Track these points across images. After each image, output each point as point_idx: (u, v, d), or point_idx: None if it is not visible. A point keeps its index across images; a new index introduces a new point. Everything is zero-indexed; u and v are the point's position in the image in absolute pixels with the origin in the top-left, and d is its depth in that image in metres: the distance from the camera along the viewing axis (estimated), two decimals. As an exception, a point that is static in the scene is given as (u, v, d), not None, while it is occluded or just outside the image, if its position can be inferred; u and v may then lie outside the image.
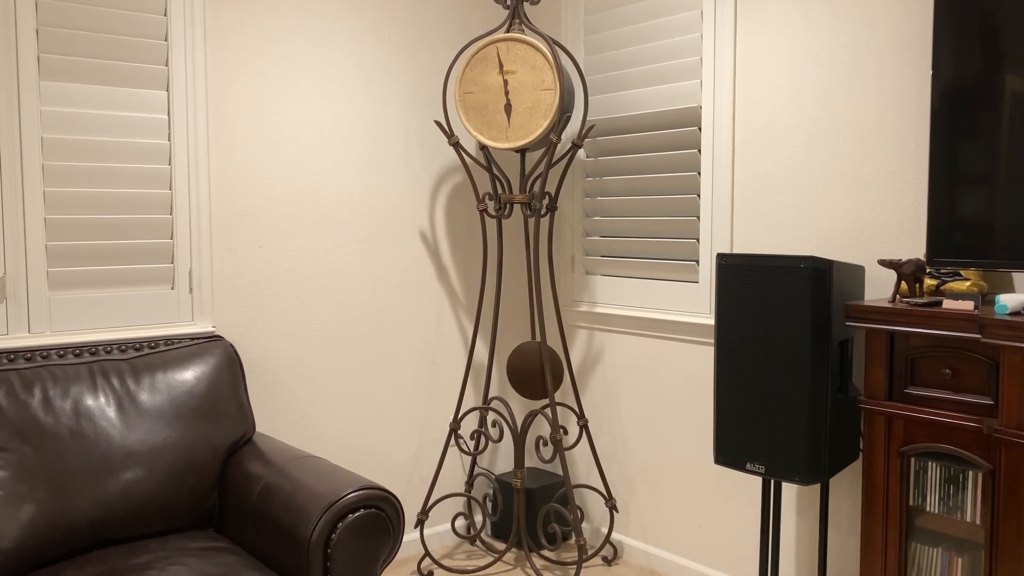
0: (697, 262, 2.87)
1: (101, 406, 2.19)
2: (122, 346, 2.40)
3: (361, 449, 3.08)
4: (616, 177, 3.12)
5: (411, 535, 3.20)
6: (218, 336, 2.56)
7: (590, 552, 3.20)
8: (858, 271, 2.32)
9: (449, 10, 3.24)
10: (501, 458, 3.49)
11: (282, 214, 2.84)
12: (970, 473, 1.93)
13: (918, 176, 2.31)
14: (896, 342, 2.06)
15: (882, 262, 2.10)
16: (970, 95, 1.98)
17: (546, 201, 3.01)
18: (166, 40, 2.55)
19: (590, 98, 3.17)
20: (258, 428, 2.82)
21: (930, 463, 2.00)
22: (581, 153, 3.24)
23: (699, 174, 2.84)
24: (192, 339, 2.51)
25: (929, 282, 2.16)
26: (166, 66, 2.56)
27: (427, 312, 3.24)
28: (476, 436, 3.16)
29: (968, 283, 2.09)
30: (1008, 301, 1.83)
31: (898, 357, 2.06)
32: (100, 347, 2.37)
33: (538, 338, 3.14)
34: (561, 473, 3.33)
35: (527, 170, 3.15)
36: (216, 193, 2.69)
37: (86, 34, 2.42)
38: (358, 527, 1.99)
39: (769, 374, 2.22)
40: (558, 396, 3.39)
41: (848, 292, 2.26)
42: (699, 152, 2.83)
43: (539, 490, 3.20)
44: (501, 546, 3.29)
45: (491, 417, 3.30)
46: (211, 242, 2.68)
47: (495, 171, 3.03)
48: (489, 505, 3.36)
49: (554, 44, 2.88)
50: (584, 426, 3.07)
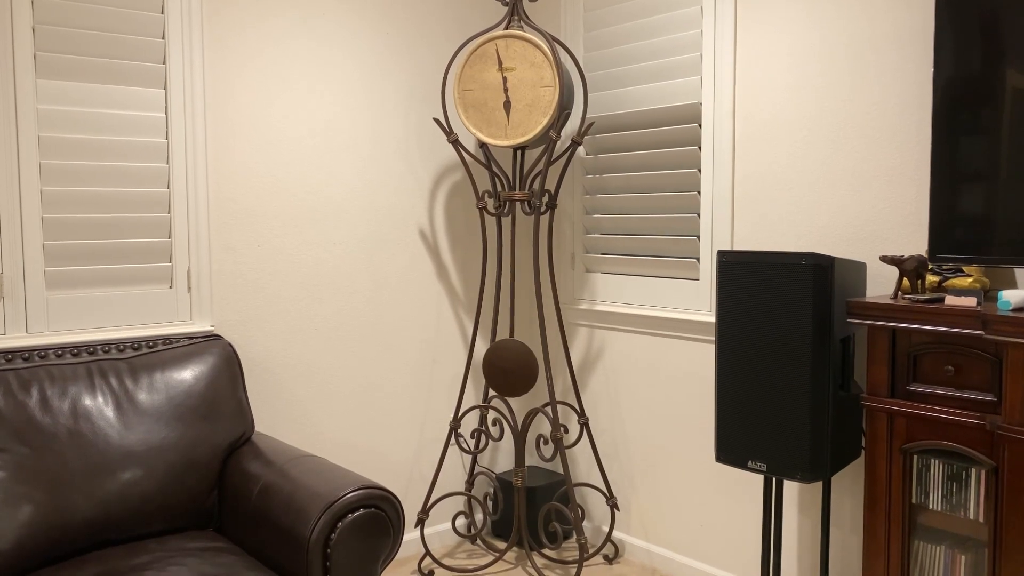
0: (698, 259, 2.86)
1: (99, 406, 2.18)
2: (120, 345, 2.39)
3: (361, 448, 3.08)
4: (616, 174, 3.11)
5: (412, 534, 3.19)
6: (217, 335, 2.55)
7: (591, 551, 3.20)
8: (860, 268, 2.31)
9: (448, 7, 3.23)
10: (502, 457, 3.48)
11: (281, 212, 2.83)
12: (973, 470, 1.92)
13: (920, 172, 2.30)
14: (898, 339, 2.05)
15: (884, 258, 2.09)
16: (971, 91, 1.97)
17: (546, 199, 3.00)
18: (163, 38, 2.54)
19: (590, 95, 3.16)
20: (257, 427, 2.81)
21: (933, 460, 1.99)
22: (581, 150, 3.23)
23: (699, 171, 2.82)
24: (190, 338, 2.50)
25: (931, 278, 2.15)
26: (164, 64, 2.55)
27: (427, 310, 3.23)
28: (476, 435, 3.15)
29: (970, 279, 2.08)
30: (1011, 297, 1.81)
31: (900, 354, 2.05)
32: (98, 347, 2.36)
33: (537, 336, 3.13)
34: (562, 472, 3.32)
35: (526, 168, 3.13)
36: (214, 191, 2.68)
37: (83, 32, 2.41)
38: (358, 527, 1.98)
39: (770, 371, 2.21)
40: (558, 394, 3.38)
41: (850, 289, 2.25)
42: (699, 149, 2.82)
43: (540, 489, 3.19)
44: (502, 545, 3.28)
45: (491, 416, 3.29)
46: (209, 241, 2.67)
47: (494, 169, 3.02)
48: (490, 504, 3.35)
49: (553, 41, 2.87)
50: (585, 424, 3.06)
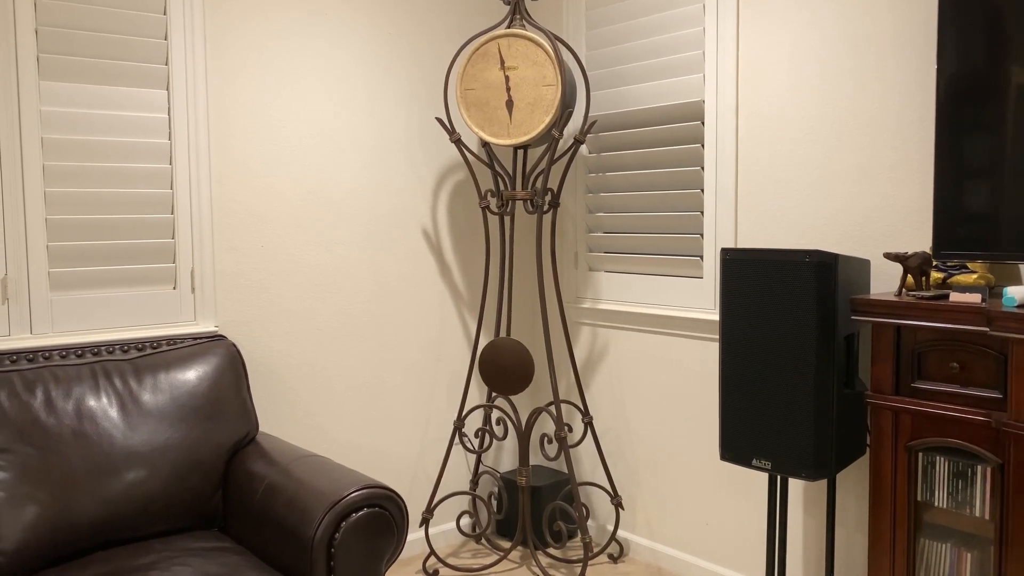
0: (701, 257, 2.85)
1: (103, 406, 2.18)
2: (124, 346, 2.40)
3: (365, 448, 3.08)
4: (619, 173, 3.10)
5: (416, 534, 3.19)
6: (220, 336, 2.55)
7: (596, 550, 3.19)
8: (864, 265, 2.31)
9: (450, 6, 3.23)
10: (506, 456, 3.48)
11: (283, 212, 2.83)
12: (979, 467, 1.92)
13: (923, 168, 2.29)
14: (903, 336, 2.04)
15: (888, 255, 2.08)
16: (975, 86, 1.96)
17: (548, 197, 3.00)
18: (166, 39, 2.54)
19: (592, 93, 3.16)
20: (261, 427, 2.81)
21: (938, 458, 1.99)
22: (583, 149, 3.23)
23: (702, 169, 2.82)
24: (194, 339, 2.51)
25: (935, 275, 2.14)
26: (166, 65, 2.55)
27: (430, 310, 3.23)
28: (480, 434, 3.15)
29: (975, 276, 2.07)
30: (1015, 293, 1.81)
31: (905, 351, 2.04)
32: (102, 347, 2.36)
33: (540, 335, 3.12)
34: (566, 471, 3.31)
35: (529, 166, 3.13)
36: (217, 192, 2.68)
37: (85, 34, 2.41)
38: (362, 526, 1.98)
39: (774, 369, 2.21)
40: (562, 393, 3.38)
41: (854, 286, 2.24)
42: (702, 147, 2.81)
43: (544, 488, 3.18)
44: (506, 544, 3.28)
45: (495, 415, 3.29)
46: (212, 241, 2.67)
47: (497, 168, 3.02)
48: (494, 503, 3.35)
49: (555, 40, 2.86)
50: (589, 423, 3.06)
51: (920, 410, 2.00)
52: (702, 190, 2.83)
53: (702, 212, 2.83)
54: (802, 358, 2.15)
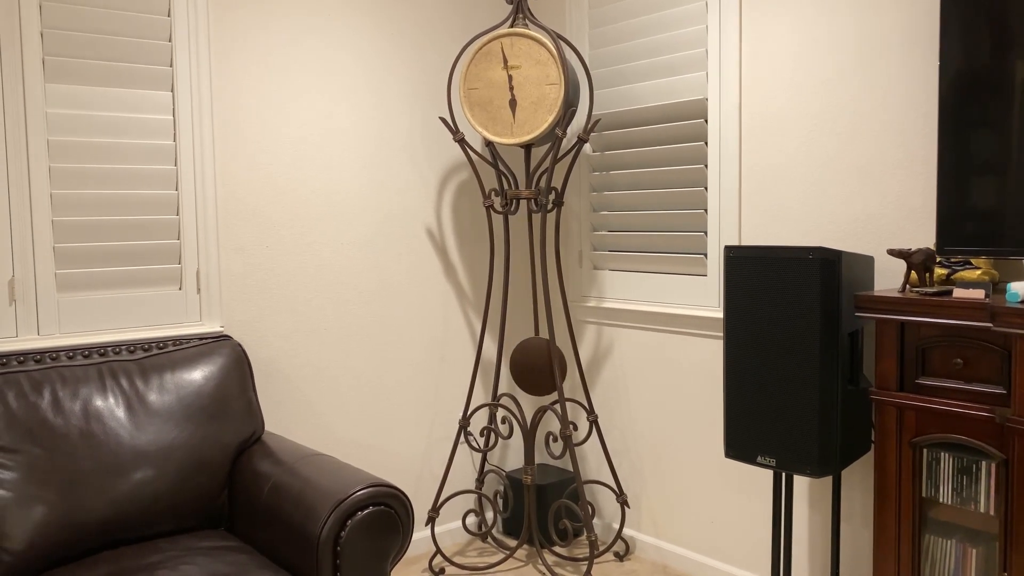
0: (705, 255, 2.85)
1: (110, 407, 2.19)
2: (131, 347, 2.41)
3: (371, 447, 3.09)
4: (623, 171, 3.10)
5: (422, 532, 3.20)
6: (226, 336, 2.56)
7: (602, 548, 3.20)
8: (867, 261, 2.30)
9: (453, 6, 3.24)
10: (511, 454, 3.49)
11: (288, 213, 2.84)
12: (983, 463, 1.92)
13: (927, 165, 2.29)
14: (907, 332, 2.04)
15: (891, 252, 2.08)
16: (979, 82, 1.96)
17: (552, 196, 3.00)
18: (170, 41, 2.56)
19: (595, 92, 3.16)
20: (267, 427, 2.83)
21: (943, 454, 1.99)
22: (587, 148, 3.23)
23: (706, 167, 2.82)
24: (200, 339, 2.52)
25: (939, 271, 2.14)
26: (170, 67, 2.56)
27: (435, 309, 3.24)
28: (486, 433, 3.15)
29: (979, 272, 2.07)
30: (1019, 289, 1.80)
31: (909, 347, 2.04)
32: (109, 348, 2.37)
33: (544, 334, 3.13)
34: (572, 469, 3.32)
35: (533, 165, 3.14)
36: (222, 192, 2.69)
37: (90, 36, 2.42)
38: (367, 524, 1.99)
39: (779, 367, 2.21)
40: (567, 392, 3.38)
41: (857, 283, 2.24)
42: (706, 145, 2.81)
43: (550, 486, 3.19)
44: (512, 543, 3.29)
45: (500, 413, 3.30)
46: (218, 242, 2.68)
47: (501, 167, 3.02)
48: (500, 502, 3.35)
49: (558, 38, 2.87)
50: (594, 422, 3.06)
51: (924, 406, 1.99)
52: (706, 188, 2.83)
53: (706, 210, 2.83)
54: (806, 355, 2.15)
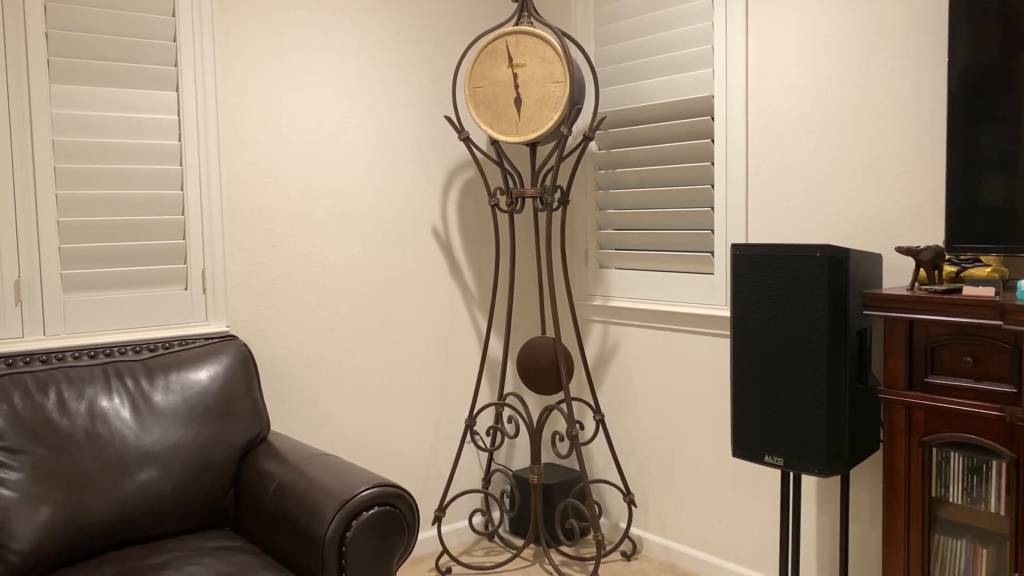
0: (712, 253, 2.84)
1: (116, 407, 2.19)
2: (136, 347, 2.41)
3: (377, 446, 3.08)
4: (629, 169, 3.09)
5: (429, 532, 3.20)
6: (232, 336, 2.56)
7: (609, 547, 3.19)
8: (875, 259, 2.29)
9: (458, 4, 3.23)
10: (518, 454, 3.48)
11: (293, 212, 2.84)
12: (993, 463, 1.90)
13: (935, 161, 2.27)
14: (915, 330, 2.02)
15: (900, 249, 2.07)
16: (988, 77, 1.94)
17: (558, 195, 2.99)
18: (175, 41, 2.55)
19: (601, 90, 3.15)
20: (273, 427, 2.82)
21: (952, 453, 1.97)
22: (593, 146, 3.22)
23: (713, 164, 2.80)
24: (206, 339, 2.52)
25: (948, 269, 2.12)
26: (175, 67, 2.56)
27: (441, 308, 3.23)
28: (492, 432, 3.14)
29: (988, 269, 2.05)
30: (1030, 286, 1.79)
31: (918, 346, 2.02)
32: (114, 348, 2.37)
33: (550, 333, 3.12)
34: (578, 468, 3.31)
35: (538, 164, 3.12)
36: (227, 192, 2.69)
37: (95, 36, 2.42)
38: (372, 525, 1.99)
39: (786, 365, 2.19)
40: (573, 391, 3.37)
41: (865, 281, 2.22)
42: (712, 142, 2.80)
43: (556, 486, 3.18)
44: (519, 542, 3.28)
45: (507, 413, 3.29)
46: (223, 242, 2.68)
47: (506, 166, 3.01)
48: (506, 501, 3.35)
49: (563, 36, 2.85)
50: (600, 421, 3.05)
51: (933, 405, 1.98)
52: (712, 186, 2.81)
53: (713, 208, 2.82)
54: (814, 354, 2.14)
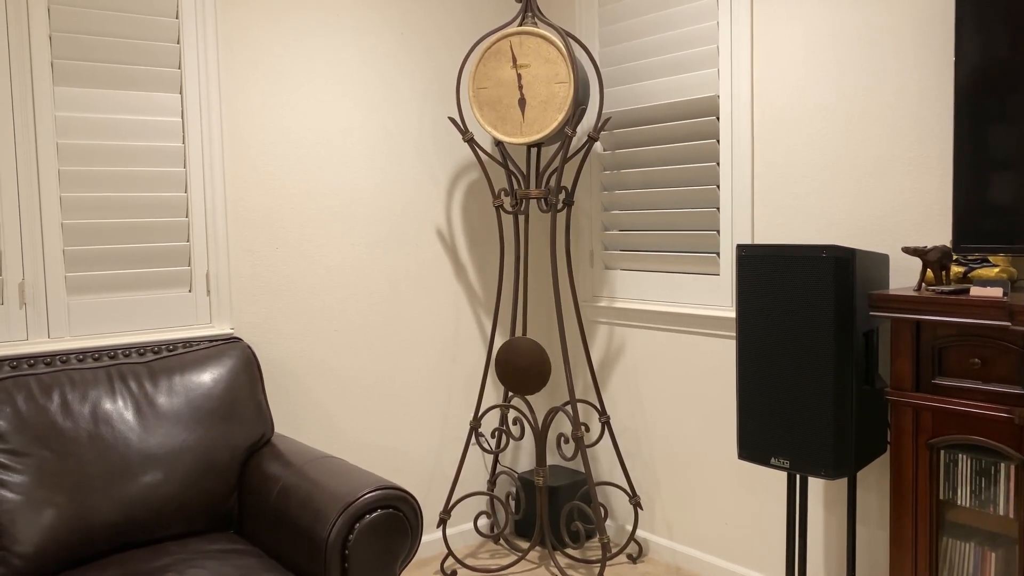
0: (718, 254, 2.82)
1: (119, 409, 2.19)
2: (140, 349, 2.41)
3: (381, 449, 3.07)
4: (634, 170, 3.08)
5: (434, 534, 3.19)
6: (236, 338, 2.56)
7: (615, 550, 3.17)
8: (882, 260, 2.27)
9: (462, 4, 3.22)
10: (523, 456, 3.47)
11: (298, 214, 2.84)
12: (1002, 465, 1.88)
13: (942, 161, 2.25)
14: (922, 331, 2.01)
15: (906, 250, 2.05)
16: (996, 76, 1.92)
17: (562, 196, 2.98)
18: (178, 43, 2.55)
19: (606, 90, 3.13)
20: (277, 429, 2.82)
21: (960, 455, 1.95)
22: (597, 146, 3.20)
23: (718, 164, 2.79)
24: (210, 341, 2.51)
25: (956, 269, 2.10)
26: (179, 68, 2.56)
27: (445, 310, 3.22)
28: (497, 434, 3.13)
29: (997, 269, 2.03)
30: (1038, 287, 1.77)
31: (925, 347, 2.00)
32: (118, 351, 2.37)
33: (555, 334, 3.10)
34: (584, 470, 3.30)
35: (543, 165, 3.11)
36: (231, 194, 2.69)
37: (98, 39, 2.42)
38: (375, 527, 1.98)
39: (792, 367, 2.18)
40: (579, 393, 3.36)
41: (872, 281, 2.20)
42: (717, 142, 2.78)
43: (562, 488, 3.17)
44: (525, 545, 3.27)
45: (512, 415, 3.28)
46: (228, 244, 2.68)
47: (510, 166, 3.00)
48: (512, 503, 3.34)
49: (568, 36, 2.84)
50: (606, 423, 3.04)
51: (941, 407, 1.96)
52: (718, 186, 2.79)
53: (718, 208, 2.80)
54: (820, 355, 2.12)
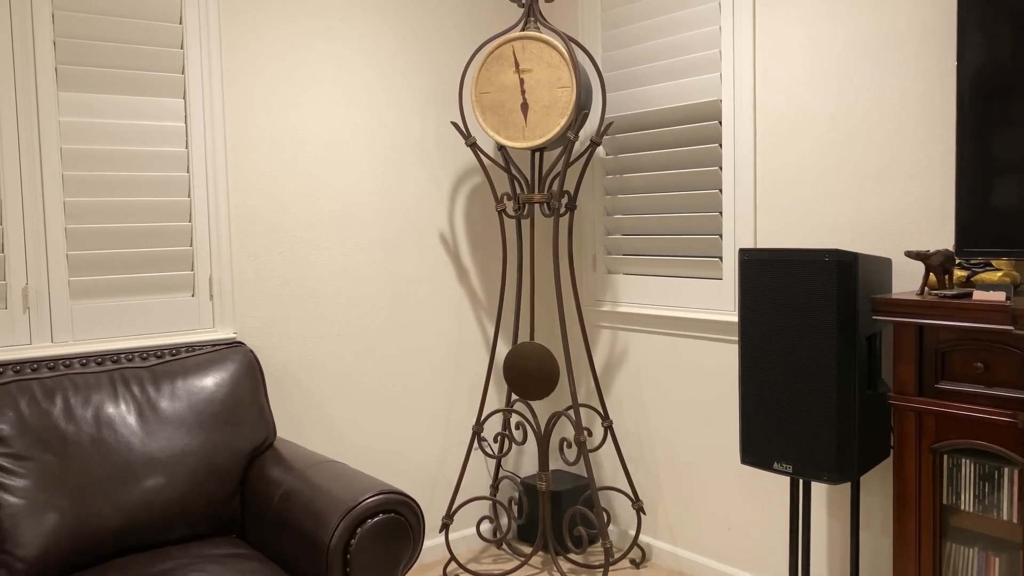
0: (720, 258, 2.82)
1: (122, 414, 2.19)
2: (143, 354, 2.41)
3: (384, 453, 3.07)
4: (636, 174, 3.08)
5: (436, 539, 3.18)
6: (239, 342, 2.56)
7: (617, 555, 3.16)
8: (885, 264, 2.26)
9: (465, 9, 3.23)
10: (526, 461, 3.46)
11: (301, 218, 2.84)
12: (1005, 470, 1.87)
13: (945, 165, 2.25)
14: (925, 336, 2.00)
15: (909, 254, 2.04)
16: (999, 80, 1.92)
17: (565, 200, 2.98)
18: (182, 48, 2.56)
19: (608, 95, 3.14)
20: (280, 433, 2.82)
21: (963, 460, 1.94)
22: (600, 151, 3.21)
23: (721, 169, 2.79)
24: (213, 346, 2.52)
25: (959, 273, 2.10)
26: (182, 74, 2.57)
27: (448, 314, 3.22)
28: (500, 439, 3.13)
29: (999, 273, 2.02)
30: (1041, 291, 1.76)
31: (928, 351, 2.00)
32: (121, 355, 2.38)
33: (558, 338, 3.10)
34: (586, 475, 3.29)
35: (545, 169, 3.12)
36: (234, 199, 2.69)
37: (102, 44, 2.43)
38: (377, 532, 1.98)
39: (795, 371, 2.17)
40: (581, 397, 3.35)
41: (875, 285, 2.20)
42: (720, 147, 2.78)
43: (565, 493, 3.16)
44: (527, 549, 3.26)
45: (514, 419, 3.27)
46: (231, 248, 2.69)
47: (513, 171, 3.01)
48: (515, 508, 3.33)
49: (570, 41, 2.85)
50: (608, 427, 3.03)
51: (944, 411, 1.95)
52: (720, 190, 2.79)
53: (721, 213, 2.80)
54: (823, 359, 2.12)
